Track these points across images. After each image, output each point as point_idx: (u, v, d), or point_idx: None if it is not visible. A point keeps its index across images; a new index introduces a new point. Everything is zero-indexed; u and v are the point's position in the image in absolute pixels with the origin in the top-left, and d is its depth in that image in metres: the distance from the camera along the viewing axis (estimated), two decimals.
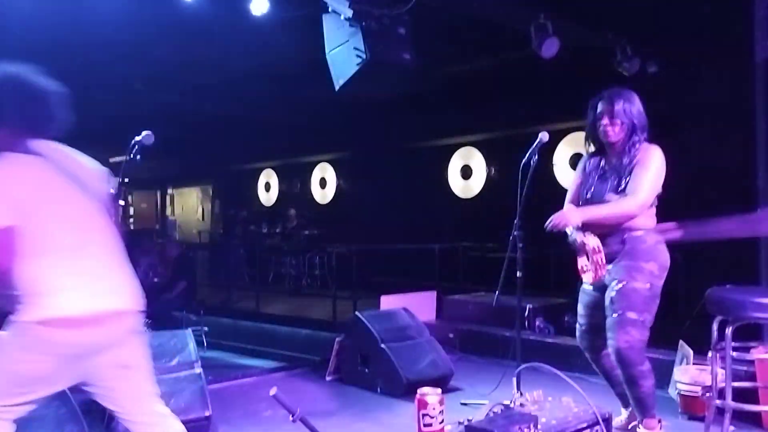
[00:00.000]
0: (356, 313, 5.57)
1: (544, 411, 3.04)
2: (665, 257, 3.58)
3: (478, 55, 9.40)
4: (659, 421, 3.56)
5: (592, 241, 3.49)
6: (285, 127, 13.71)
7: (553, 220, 3.48)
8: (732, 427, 3.45)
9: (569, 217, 3.48)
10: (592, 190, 3.66)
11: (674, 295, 6.82)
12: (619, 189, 3.53)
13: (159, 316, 9.09)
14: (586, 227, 3.52)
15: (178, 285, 9.38)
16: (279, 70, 9.19)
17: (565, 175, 9.52)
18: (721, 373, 3.54)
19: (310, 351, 8.21)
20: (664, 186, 3.63)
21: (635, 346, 3.41)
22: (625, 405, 3.81)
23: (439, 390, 3.55)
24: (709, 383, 3.78)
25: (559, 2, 6.91)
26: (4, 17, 6.58)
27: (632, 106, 3.66)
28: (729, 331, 3.38)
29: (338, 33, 5.65)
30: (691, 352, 4.60)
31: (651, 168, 3.51)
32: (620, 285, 3.46)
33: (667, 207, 3.68)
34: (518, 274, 4.15)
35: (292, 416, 3.19)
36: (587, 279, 3.63)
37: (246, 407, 4.67)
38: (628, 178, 3.53)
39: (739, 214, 3.42)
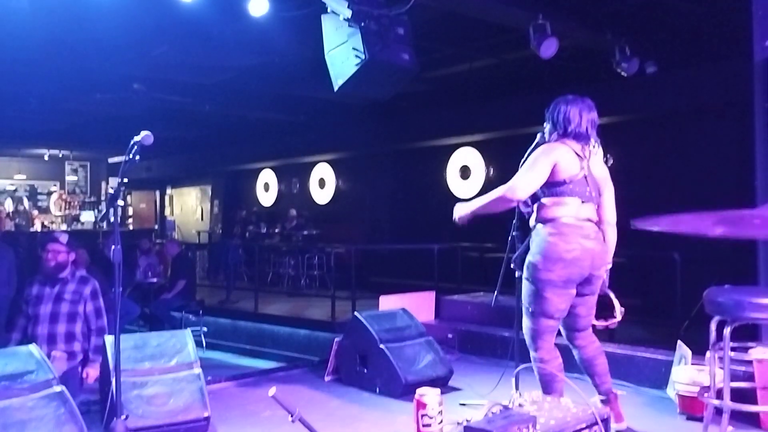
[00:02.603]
0: (355, 313, 5.57)
1: (543, 411, 3.04)
2: (553, 249, 3.60)
3: (476, 56, 9.41)
4: None
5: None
6: (284, 127, 13.73)
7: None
8: (730, 427, 3.46)
9: (456, 211, 3.74)
10: None
11: (672, 295, 6.86)
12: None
13: (158, 316, 9.12)
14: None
15: (177, 285, 9.38)
16: (278, 70, 9.19)
17: None
18: (719, 373, 3.55)
19: (309, 351, 8.21)
20: (663, 185, 3.65)
21: (527, 333, 3.77)
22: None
23: (438, 390, 3.55)
24: (707, 383, 3.79)
25: (558, 2, 6.92)
26: (4, 18, 6.58)
27: (553, 110, 3.84)
28: (727, 331, 3.38)
29: (337, 33, 5.65)
30: (689, 352, 4.61)
31: (527, 163, 3.70)
32: (523, 279, 3.78)
33: (665, 206, 3.67)
34: (517, 274, 4.15)
35: (291, 416, 3.19)
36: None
37: (245, 407, 4.67)
38: None
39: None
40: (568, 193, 3.64)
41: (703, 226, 3.34)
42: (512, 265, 3.96)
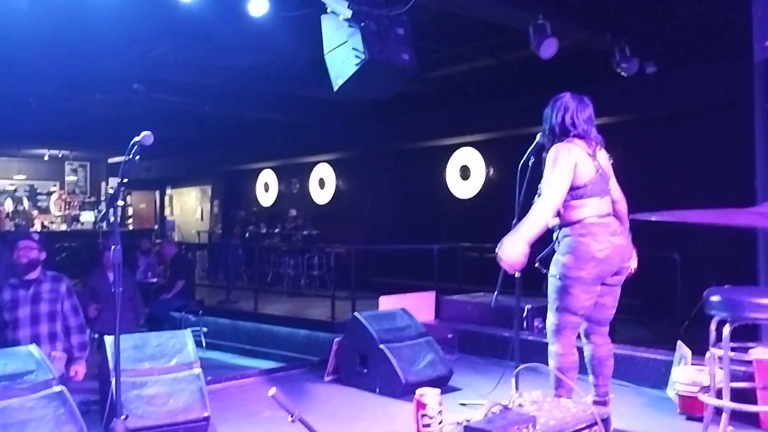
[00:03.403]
0: (355, 313, 5.57)
1: (543, 411, 3.04)
2: (585, 249, 3.61)
3: (476, 56, 9.41)
4: None
5: None
6: (284, 127, 13.73)
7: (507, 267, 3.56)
8: (730, 428, 3.45)
9: (514, 260, 3.49)
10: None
11: (672, 295, 6.87)
12: (537, 193, 3.78)
13: (158, 316, 9.12)
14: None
15: (175, 285, 9.38)
16: (278, 71, 9.19)
17: None
18: (719, 373, 3.54)
19: (309, 351, 8.21)
20: (663, 185, 3.65)
21: (549, 328, 3.80)
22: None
23: (438, 390, 3.55)
24: (707, 383, 3.79)
25: (558, 3, 6.92)
26: (4, 18, 6.58)
27: (549, 110, 3.83)
28: (727, 331, 3.38)
29: (337, 33, 5.65)
30: (689, 352, 4.60)
31: (549, 167, 3.68)
32: (549, 276, 3.78)
33: (665, 206, 3.68)
34: (516, 274, 4.15)
35: (291, 417, 3.19)
36: None
37: (245, 408, 4.67)
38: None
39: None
40: (588, 195, 3.68)
41: (699, 216, 3.35)
42: (536, 264, 3.96)
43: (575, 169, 3.65)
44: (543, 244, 3.92)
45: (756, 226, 4.47)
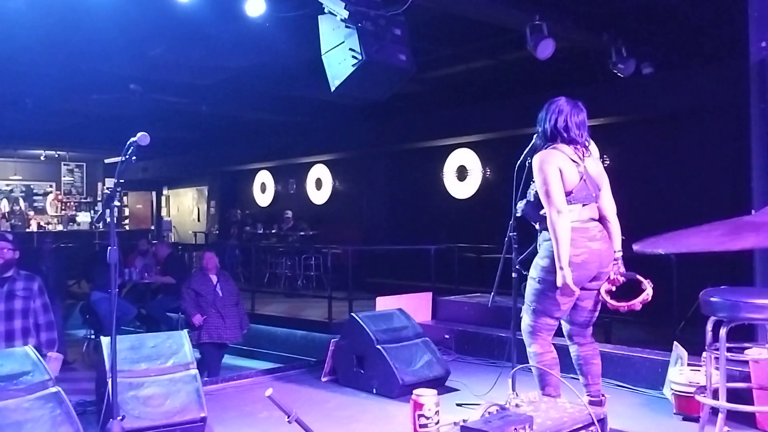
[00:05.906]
0: (352, 314, 5.57)
1: (540, 412, 3.05)
2: None
3: (473, 56, 9.42)
4: None
5: None
6: (281, 128, 13.72)
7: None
8: (726, 428, 3.46)
9: (569, 282, 3.56)
10: None
11: (669, 296, 6.87)
12: (526, 198, 3.92)
13: (154, 316, 9.11)
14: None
15: (171, 285, 9.37)
16: (275, 71, 9.19)
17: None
18: (715, 373, 3.55)
19: (306, 352, 8.20)
20: (660, 185, 3.64)
21: (525, 329, 3.84)
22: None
23: (435, 391, 3.55)
24: (703, 384, 3.79)
25: (555, 3, 6.93)
26: (1, 18, 6.56)
27: (543, 114, 3.85)
28: (723, 331, 3.39)
29: (334, 34, 5.64)
30: (685, 352, 4.62)
31: (537, 180, 3.73)
32: (528, 278, 3.83)
33: (662, 206, 3.68)
34: (513, 275, 4.16)
35: (288, 417, 3.19)
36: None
37: (242, 408, 4.67)
38: (530, 184, 3.84)
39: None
40: (570, 202, 3.67)
41: (703, 243, 3.36)
42: (517, 266, 3.98)
43: (561, 174, 3.66)
44: (526, 244, 3.94)
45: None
